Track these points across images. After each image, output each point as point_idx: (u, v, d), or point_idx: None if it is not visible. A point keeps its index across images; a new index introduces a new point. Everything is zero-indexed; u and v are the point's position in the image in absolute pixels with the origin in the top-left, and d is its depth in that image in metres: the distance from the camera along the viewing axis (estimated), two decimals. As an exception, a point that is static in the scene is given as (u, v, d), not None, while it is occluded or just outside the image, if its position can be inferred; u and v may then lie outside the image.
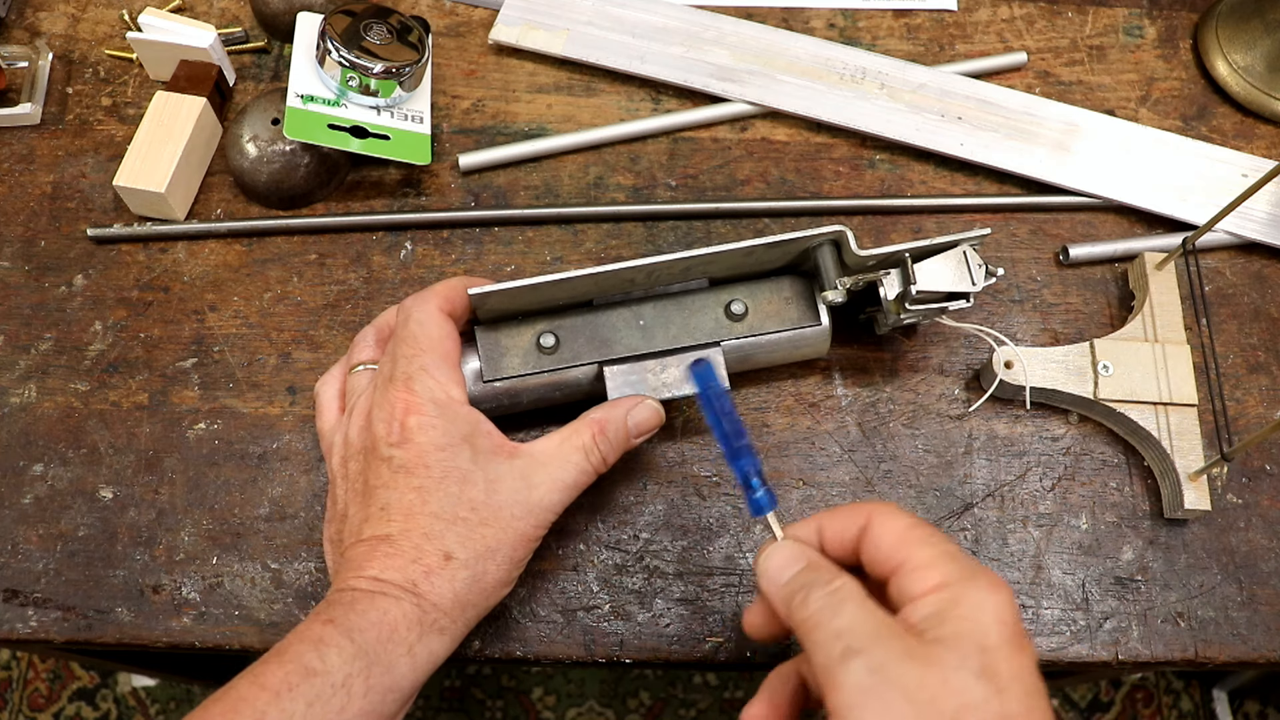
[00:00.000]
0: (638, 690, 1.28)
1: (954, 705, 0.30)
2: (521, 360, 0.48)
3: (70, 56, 0.62)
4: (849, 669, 0.31)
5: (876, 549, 0.36)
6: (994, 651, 0.31)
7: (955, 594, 0.33)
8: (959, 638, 0.32)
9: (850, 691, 0.31)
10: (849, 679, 0.31)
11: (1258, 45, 0.62)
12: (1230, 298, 0.57)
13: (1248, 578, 0.50)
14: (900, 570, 0.34)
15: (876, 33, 0.64)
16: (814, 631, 0.33)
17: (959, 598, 0.33)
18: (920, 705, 0.30)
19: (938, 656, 0.31)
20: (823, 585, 0.34)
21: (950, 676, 0.30)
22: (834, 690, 0.31)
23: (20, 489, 0.51)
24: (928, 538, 0.35)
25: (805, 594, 0.34)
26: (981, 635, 0.32)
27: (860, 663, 0.31)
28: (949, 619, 0.32)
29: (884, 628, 0.32)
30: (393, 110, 0.57)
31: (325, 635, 0.38)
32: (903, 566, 0.34)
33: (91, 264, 0.56)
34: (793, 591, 0.35)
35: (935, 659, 0.31)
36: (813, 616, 0.33)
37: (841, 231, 0.47)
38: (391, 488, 0.41)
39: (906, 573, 0.34)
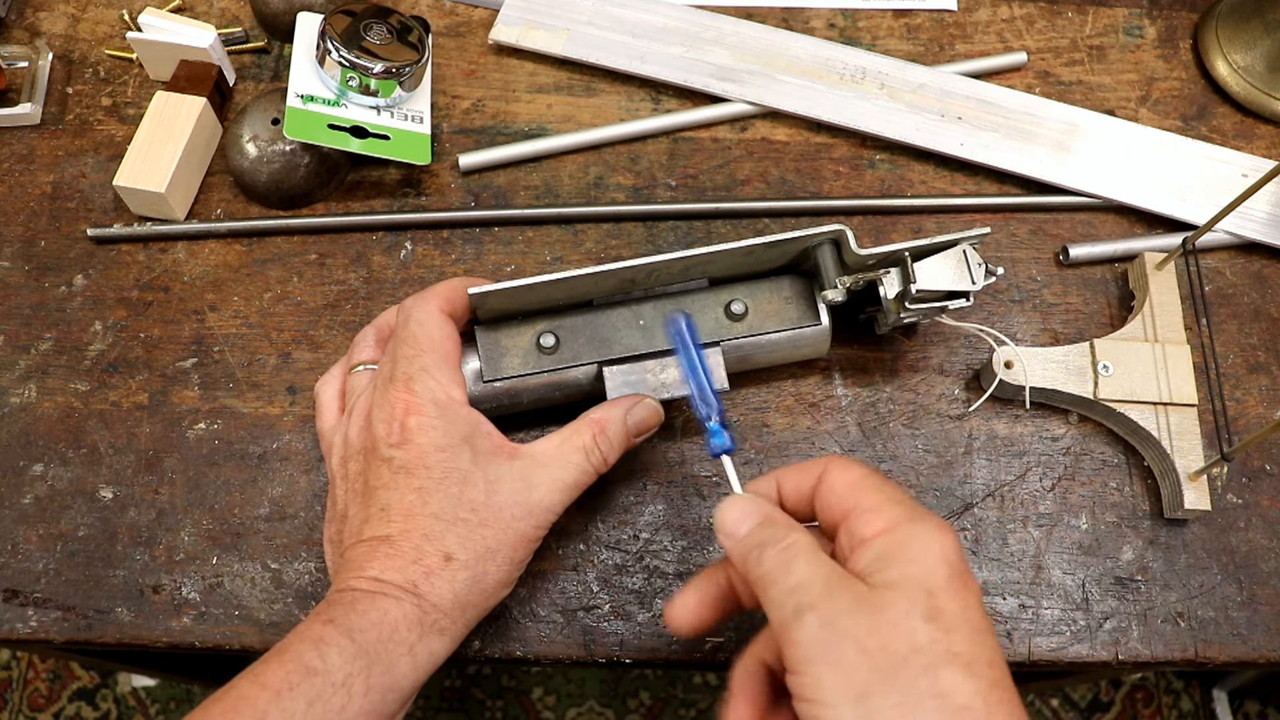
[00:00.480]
0: (638, 690, 1.28)
1: (904, 649, 0.31)
2: (521, 360, 0.48)
3: (70, 56, 0.62)
4: (802, 625, 0.32)
5: (830, 495, 0.37)
6: (940, 593, 0.32)
7: (900, 537, 0.34)
8: (905, 581, 0.32)
9: (805, 646, 0.32)
10: (803, 634, 0.32)
11: (1258, 45, 0.62)
12: (1230, 298, 0.57)
13: (1248, 578, 0.50)
14: (850, 515, 0.35)
15: (876, 33, 0.64)
16: (769, 589, 0.34)
17: (904, 541, 0.34)
18: (872, 653, 0.31)
19: (887, 602, 0.32)
20: (776, 542, 0.35)
21: (899, 621, 0.31)
22: (790, 646, 0.32)
23: (20, 489, 0.51)
24: (879, 485, 0.36)
25: (760, 552, 0.35)
26: (926, 577, 0.32)
27: (812, 617, 0.32)
28: (895, 562, 0.33)
29: (834, 580, 0.33)
30: (393, 110, 0.57)
31: (326, 635, 0.38)
32: (852, 512, 0.35)
33: (91, 264, 0.56)
34: (749, 549, 0.35)
35: (884, 604, 0.32)
36: (767, 574, 0.34)
37: (841, 231, 0.47)
38: (392, 488, 0.41)
39: (855, 517, 0.35)
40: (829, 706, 0.31)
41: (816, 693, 0.31)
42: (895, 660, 0.31)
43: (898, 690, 0.30)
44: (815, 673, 0.31)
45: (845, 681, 0.31)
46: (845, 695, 0.31)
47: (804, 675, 0.32)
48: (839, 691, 0.31)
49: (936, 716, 0.30)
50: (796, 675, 0.32)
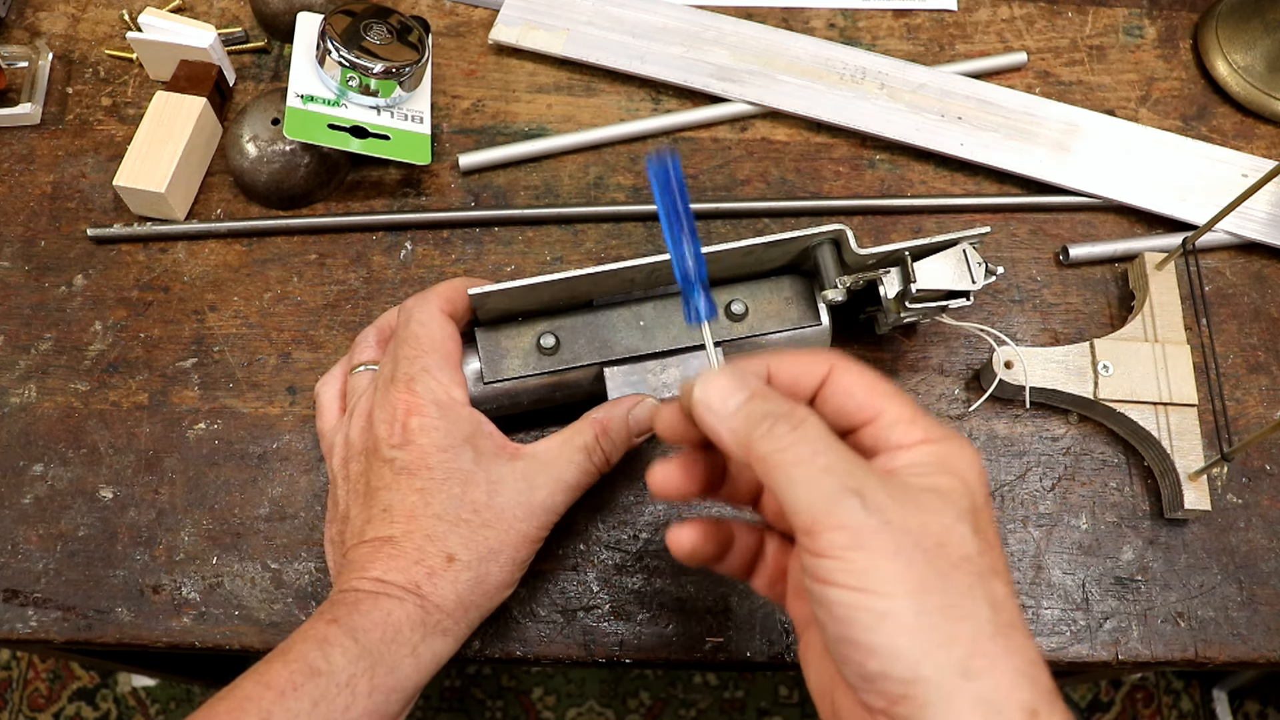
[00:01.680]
0: (638, 690, 1.28)
1: (956, 555, 0.30)
2: (522, 361, 0.48)
3: (70, 56, 0.62)
4: (848, 507, 0.30)
5: (848, 397, 0.34)
6: (980, 510, 0.32)
7: (945, 450, 0.33)
8: (953, 492, 0.31)
9: (852, 531, 0.29)
10: (850, 518, 0.30)
11: (1258, 45, 0.62)
12: (1230, 298, 0.57)
13: (1248, 578, 0.50)
14: (879, 420, 0.34)
15: (876, 33, 0.64)
16: (792, 468, 0.31)
17: (948, 454, 0.33)
18: (928, 551, 0.30)
19: (934, 505, 0.31)
20: (787, 416, 0.32)
21: (951, 526, 0.30)
22: (829, 530, 0.30)
23: (20, 489, 0.51)
24: (900, 393, 0.34)
25: (770, 425, 0.32)
26: (970, 493, 0.32)
27: (859, 502, 0.30)
28: (940, 471, 0.32)
29: (870, 469, 0.32)
30: (393, 110, 0.57)
31: (329, 635, 0.38)
32: (881, 417, 0.34)
33: (91, 264, 0.56)
34: (751, 422, 0.32)
35: (932, 508, 0.31)
36: (788, 450, 0.31)
37: (841, 230, 0.47)
38: (394, 489, 0.41)
39: (887, 424, 0.34)
40: (883, 596, 0.29)
41: (865, 580, 0.29)
42: (949, 563, 0.30)
43: (954, 592, 0.29)
44: (867, 560, 0.29)
45: (904, 574, 0.29)
46: (902, 587, 0.29)
47: (847, 561, 0.29)
48: (896, 583, 0.29)
49: (990, 626, 0.29)
50: (836, 560, 0.29)
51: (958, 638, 0.29)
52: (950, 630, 0.29)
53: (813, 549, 0.30)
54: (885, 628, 0.29)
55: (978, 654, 0.29)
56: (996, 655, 0.29)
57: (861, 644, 0.29)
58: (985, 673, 0.28)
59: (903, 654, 0.28)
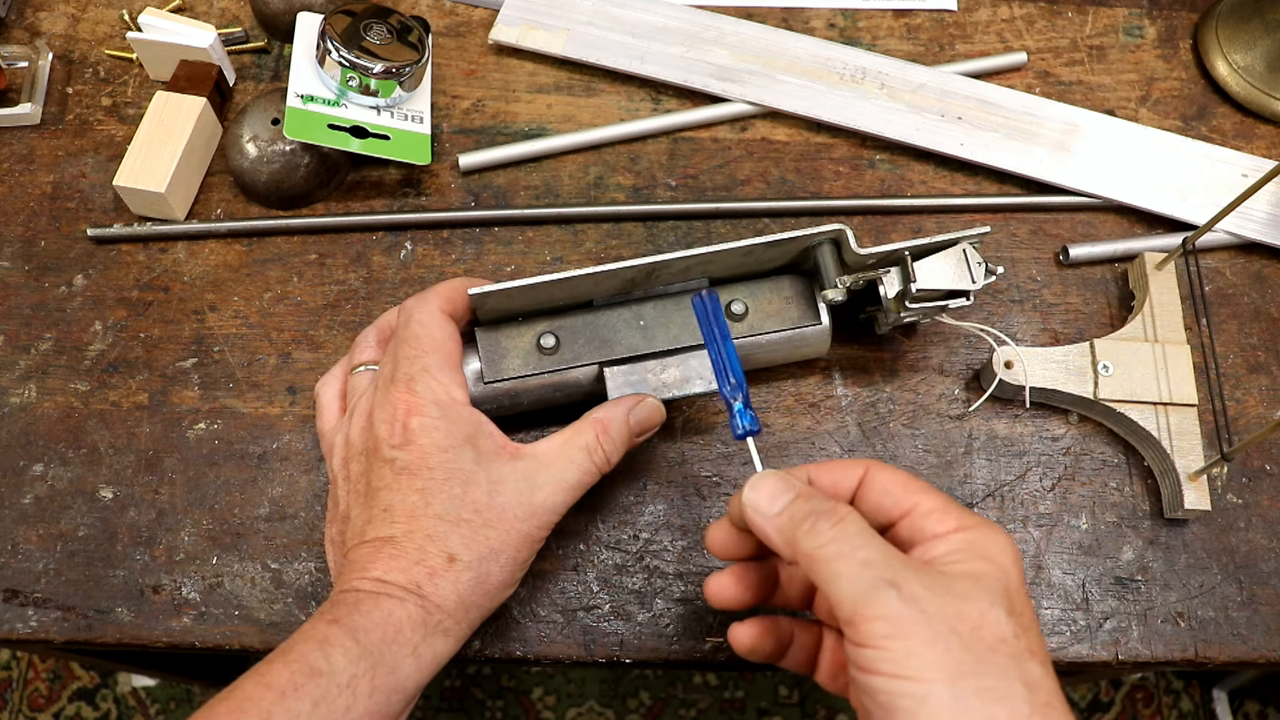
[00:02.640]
0: (638, 690, 1.28)
1: (991, 638, 0.31)
2: (522, 361, 0.48)
3: (70, 56, 0.62)
4: (885, 599, 0.31)
5: (884, 494, 0.37)
6: (1015, 594, 0.33)
7: (978, 536, 0.34)
8: (987, 578, 0.33)
9: (892, 621, 0.31)
10: (889, 609, 0.31)
11: (1258, 45, 0.62)
12: (1230, 298, 0.57)
13: (1248, 578, 0.50)
14: (913, 513, 0.36)
15: (876, 33, 0.64)
16: (833, 562, 0.33)
17: (982, 540, 0.34)
18: (963, 636, 0.31)
19: (969, 592, 0.32)
20: (829, 515, 0.34)
21: (986, 611, 0.32)
22: (869, 620, 0.31)
23: (20, 489, 0.51)
24: (931, 488, 0.37)
25: (813, 523, 0.34)
26: (1005, 576, 0.33)
27: (896, 594, 0.31)
28: (974, 558, 0.33)
29: (907, 559, 0.33)
30: (393, 110, 0.57)
31: (330, 635, 0.38)
32: (916, 510, 0.36)
33: (91, 264, 0.56)
34: (795, 521, 0.35)
35: (967, 594, 0.32)
36: (829, 546, 0.33)
37: (841, 230, 0.47)
38: (394, 489, 0.41)
39: (922, 515, 0.35)
40: (921, 682, 0.30)
41: (904, 668, 0.31)
42: (985, 646, 0.31)
43: (990, 674, 0.31)
44: (904, 648, 0.31)
45: (940, 660, 0.30)
46: (940, 672, 0.30)
47: (887, 650, 0.31)
48: (933, 669, 0.30)
49: (1026, 706, 0.30)
50: (877, 650, 0.31)
51: (995, 718, 0.30)
52: (987, 711, 0.30)
53: (855, 639, 0.32)
54: (924, 712, 0.30)
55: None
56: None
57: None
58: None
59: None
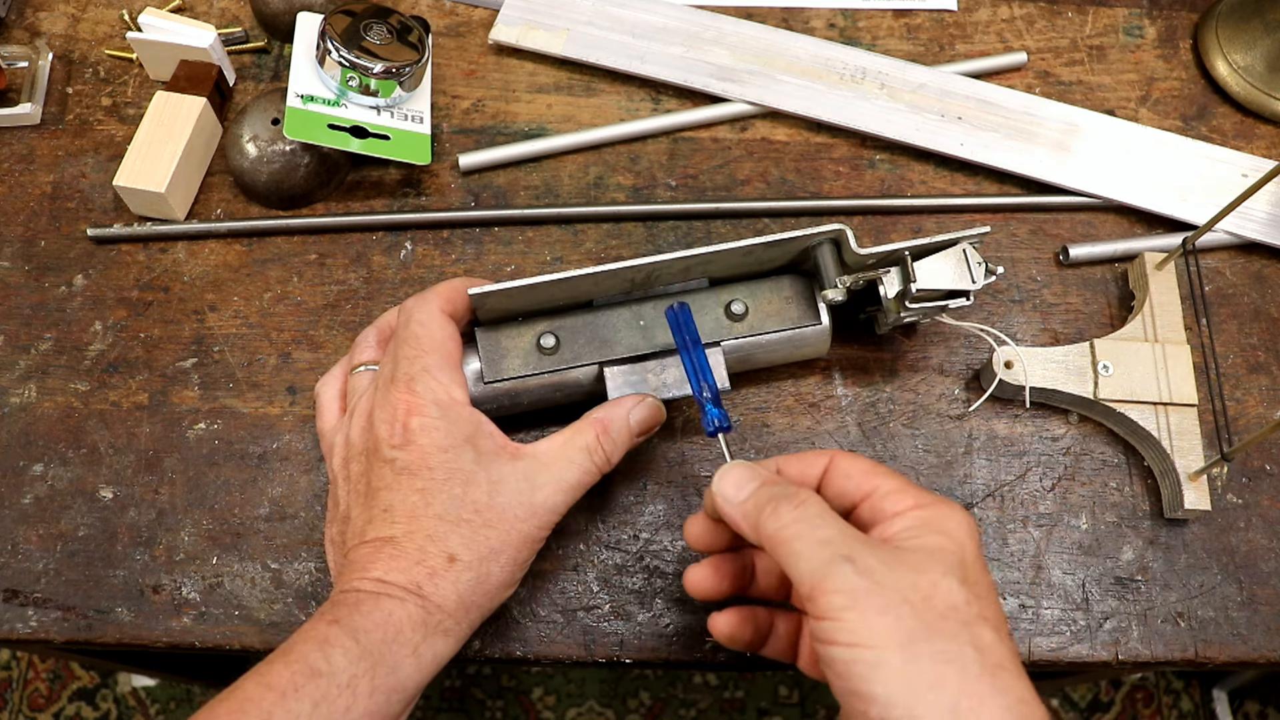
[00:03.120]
0: (638, 690, 1.28)
1: (943, 605, 0.33)
2: (522, 361, 0.48)
3: (70, 56, 0.62)
4: (842, 573, 0.33)
5: (846, 479, 0.39)
6: (970, 565, 0.35)
7: (932, 513, 0.36)
8: (939, 549, 0.35)
9: (847, 594, 0.32)
10: (844, 582, 0.33)
11: (1258, 45, 0.62)
12: (1230, 298, 0.57)
13: (1248, 578, 0.50)
14: (873, 495, 0.38)
15: (876, 33, 0.64)
16: (793, 542, 0.35)
17: (936, 517, 0.36)
18: (915, 605, 0.32)
19: (923, 563, 0.34)
20: (790, 499, 0.36)
21: (937, 581, 0.33)
22: (826, 594, 0.33)
23: (20, 489, 0.51)
24: (892, 472, 0.39)
25: (775, 506, 0.36)
26: (958, 549, 0.35)
27: (851, 568, 0.33)
28: (929, 532, 0.35)
29: (862, 536, 0.35)
30: (393, 110, 0.57)
31: (330, 636, 0.38)
32: (875, 491, 0.38)
33: (91, 264, 0.56)
34: (759, 505, 0.36)
35: (921, 565, 0.34)
36: (789, 527, 0.35)
37: (841, 230, 0.47)
38: (394, 489, 0.41)
39: (880, 496, 0.37)
40: (874, 649, 0.32)
41: (858, 637, 0.32)
42: (936, 614, 0.32)
43: (941, 639, 0.32)
44: (859, 618, 0.32)
45: (892, 628, 0.32)
46: (892, 640, 0.32)
47: (843, 621, 0.32)
48: (885, 636, 0.32)
49: (976, 667, 0.32)
50: (834, 621, 0.32)
51: (945, 679, 0.31)
52: (937, 672, 0.31)
53: (814, 613, 0.33)
54: (879, 677, 0.31)
55: (965, 693, 0.31)
56: (984, 694, 0.31)
57: (862, 694, 0.32)
58: (973, 710, 0.31)
59: (896, 699, 0.31)
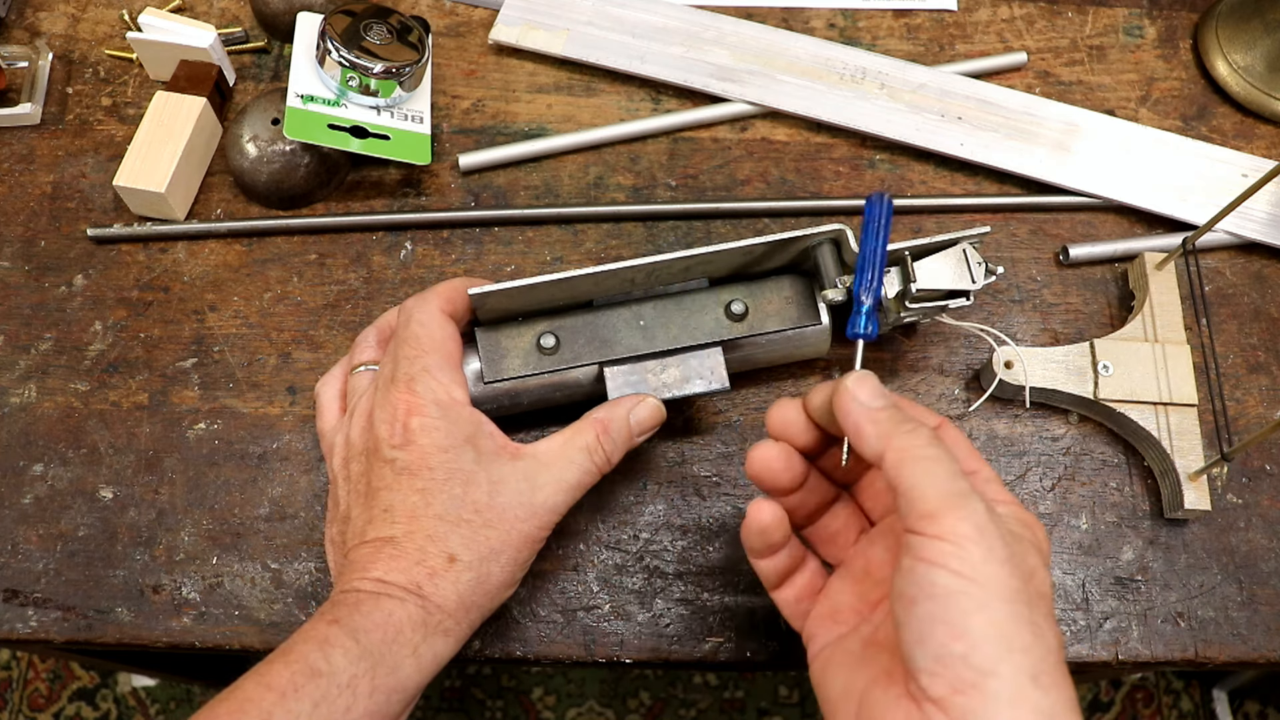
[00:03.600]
0: (638, 690, 1.28)
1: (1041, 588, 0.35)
2: (522, 361, 0.48)
3: (70, 56, 0.62)
4: (977, 507, 0.33)
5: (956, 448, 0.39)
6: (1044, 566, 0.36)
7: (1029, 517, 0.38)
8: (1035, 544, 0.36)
9: (976, 527, 0.33)
10: (977, 516, 0.33)
11: (1258, 45, 0.62)
12: (1230, 298, 0.57)
13: (1248, 578, 0.50)
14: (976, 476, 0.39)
15: (876, 33, 0.64)
16: (930, 462, 0.35)
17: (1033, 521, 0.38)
18: (1024, 574, 0.34)
19: (1025, 547, 0.36)
20: (926, 430, 0.36)
21: (1037, 568, 0.35)
22: (954, 519, 0.33)
23: (20, 489, 0.51)
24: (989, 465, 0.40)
25: (914, 428, 0.36)
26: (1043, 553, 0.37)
27: (985, 508, 0.34)
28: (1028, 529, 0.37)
29: None
30: (393, 110, 0.57)
31: (331, 636, 0.38)
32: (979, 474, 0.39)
33: (91, 264, 0.56)
34: (895, 421, 0.36)
35: (1026, 549, 0.36)
36: (926, 448, 0.35)
37: (841, 230, 0.47)
38: (394, 489, 0.41)
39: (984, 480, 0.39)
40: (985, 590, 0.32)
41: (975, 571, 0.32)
42: (1035, 590, 0.34)
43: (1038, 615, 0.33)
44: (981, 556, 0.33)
45: (1006, 581, 0.32)
46: (1005, 591, 0.32)
47: (965, 551, 0.33)
48: (1000, 584, 0.32)
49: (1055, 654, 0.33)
50: (954, 547, 0.33)
51: (1032, 651, 0.32)
52: (1028, 641, 0.32)
53: (932, 531, 0.33)
54: (982, 617, 0.32)
55: (1045, 671, 0.32)
56: (1059, 679, 0.32)
57: (955, 625, 0.32)
58: (1051, 689, 0.31)
59: (988, 644, 0.31)
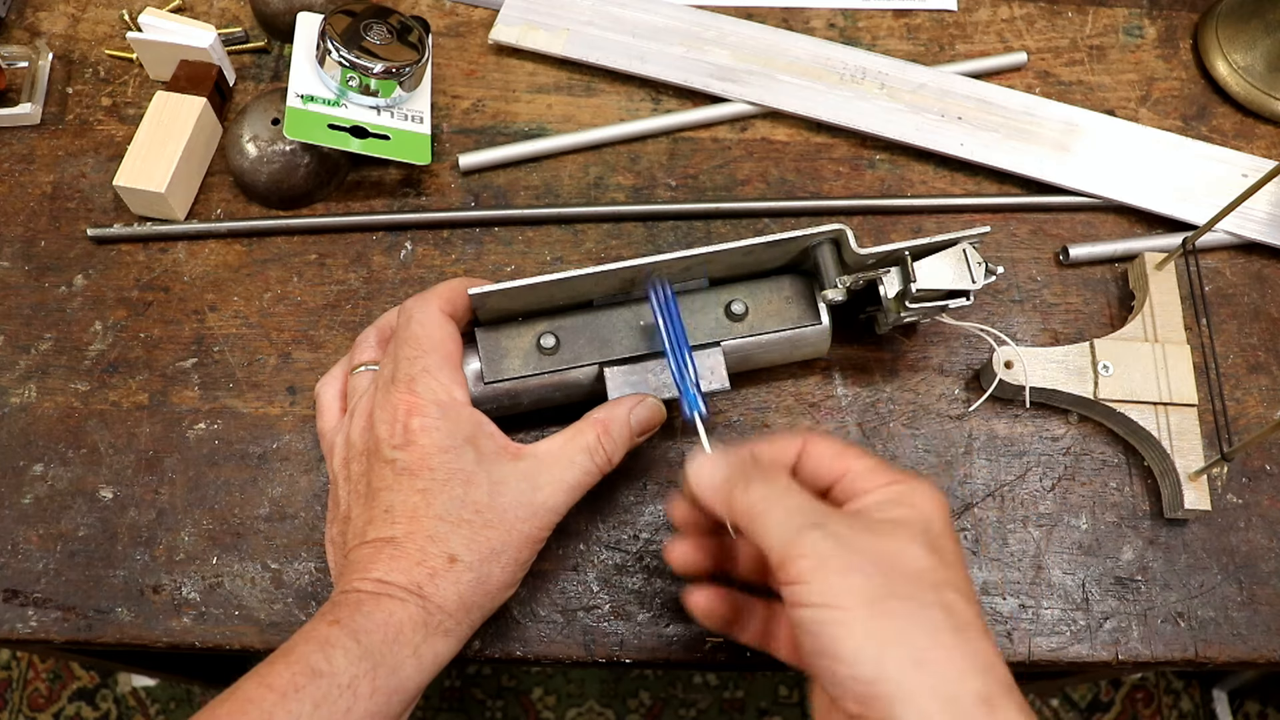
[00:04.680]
0: (638, 690, 1.28)
1: (911, 569, 0.34)
2: (522, 361, 0.48)
3: (70, 56, 0.62)
4: (811, 539, 0.34)
5: (819, 462, 0.39)
6: (938, 535, 0.36)
7: (903, 489, 0.37)
8: (909, 521, 0.36)
9: (816, 557, 0.33)
10: (813, 547, 0.33)
11: (1258, 45, 0.62)
12: (1230, 298, 0.57)
13: (1248, 578, 0.50)
14: (846, 475, 0.38)
15: (876, 33, 0.64)
16: (763, 514, 0.35)
17: (906, 492, 0.37)
18: (882, 567, 0.33)
19: (891, 532, 0.35)
20: (760, 475, 0.37)
21: (904, 548, 0.34)
22: (796, 560, 0.33)
23: (20, 489, 0.51)
24: (865, 452, 0.39)
25: (746, 484, 0.36)
26: (927, 521, 0.36)
27: (821, 533, 0.34)
28: (899, 505, 0.36)
29: (831, 509, 0.36)
30: (393, 110, 0.57)
31: (331, 636, 0.38)
32: (848, 472, 0.38)
33: (91, 264, 0.56)
34: (730, 483, 0.37)
35: (889, 533, 0.35)
36: (760, 501, 0.36)
37: (841, 230, 0.47)
38: (395, 490, 0.41)
39: (854, 476, 0.38)
40: (842, 609, 0.32)
41: (826, 597, 0.33)
42: (903, 576, 0.33)
43: (908, 599, 0.33)
44: (827, 580, 0.33)
45: (860, 586, 0.33)
46: (859, 599, 0.32)
47: (813, 583, 0.33)
48: (853, 595, 0.32)
49: (945, 626, 0.32)
50: (804, 585, 0.33)
51: (909, 635, 0.32)
52: (901, 629, 0.32)
53: (785, 579, 0.34)
54: (846, 634, 0.32)
55: (930, 647, 0.32)
56: (948, 647, 0.32)
57: (831, 653, 0.32)
58: (939, 663, 0.32)
59: (864, 655, 0.32)
